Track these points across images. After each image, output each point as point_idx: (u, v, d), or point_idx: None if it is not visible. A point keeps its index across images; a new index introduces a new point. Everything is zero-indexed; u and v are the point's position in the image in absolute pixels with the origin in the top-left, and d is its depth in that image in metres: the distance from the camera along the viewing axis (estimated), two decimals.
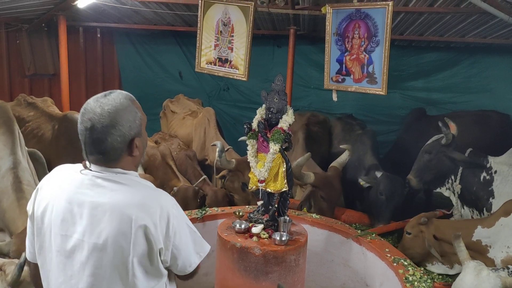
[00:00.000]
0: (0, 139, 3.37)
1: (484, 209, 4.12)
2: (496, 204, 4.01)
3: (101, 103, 1.51)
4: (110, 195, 1.50)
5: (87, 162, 1.56)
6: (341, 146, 4.74)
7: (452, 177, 4.39)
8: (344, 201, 5.06)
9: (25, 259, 2.44)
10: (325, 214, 4.18)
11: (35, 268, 1.68)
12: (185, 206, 4.15)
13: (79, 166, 1.59)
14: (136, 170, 1.65)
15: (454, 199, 4.38)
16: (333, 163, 4.57)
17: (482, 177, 4.18)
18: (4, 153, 3.34)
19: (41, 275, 1.62)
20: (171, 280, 1.72)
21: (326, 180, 4.33)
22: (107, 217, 1.47)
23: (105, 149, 1.51)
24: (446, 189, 4.48)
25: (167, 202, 1.57)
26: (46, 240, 1.56)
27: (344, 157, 4.61)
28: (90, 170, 1.55)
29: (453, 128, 4.41)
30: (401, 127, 6.57)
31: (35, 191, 1.64)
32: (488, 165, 4.18)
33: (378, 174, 4.70)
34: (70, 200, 1.51)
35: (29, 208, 1.64)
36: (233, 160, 4.63)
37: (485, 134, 5.49)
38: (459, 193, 4.34)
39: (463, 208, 4.38)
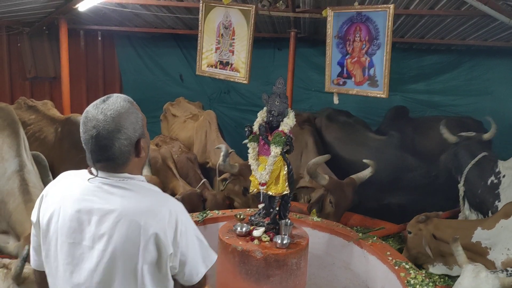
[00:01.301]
0: (5, 141, 3.39)
1: (490, 212, 4.10)
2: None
3: (102, 109, 1.50)
4: (118, 201, 1.48)
5: (93, 169, 1.55)
6: (364, 161, 4.49)
7: (459, 176, 4.41)
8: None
9: (28, 251, 2.45)
10: (330, 219, 4.14)
11: (40, 276, 1.66)
12: (191, 211, 4.15)
13: (84, 172, 1.58)
14: (141, 173, 1.64)
15: (460, 200, 4.41)
16: (353, 175, 4.39)
17: (489, 181, 4.18)
18: (10, 155, 3.36)
19: (48, 283, 1.60)
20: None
21: (339, 186, 4.24)
22: (115, 224, 1.46)
23: (113, 155, 1.50)
24: (461, 185, 4.51)
25: (175, 208, 1.55)
26: (52, 248, 1.54)
27: (366, 172, 4.38)
28: (97, 177, 1.53)
29: (493, 129, 4.50)
30: (382, 122, 6.51)
31: (39, 198, 1.62)
32: (497, 170, 4.18)
33: None
34: (77, 208, 1.50)
35: (33, 216, 1.62)
36: (237, 164, 4.62)
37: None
38: (462, 195, 4.34)
39: (470, 211, 4.37)
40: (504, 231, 3.43)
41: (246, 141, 4.90)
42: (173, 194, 4.50)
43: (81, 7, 5.52)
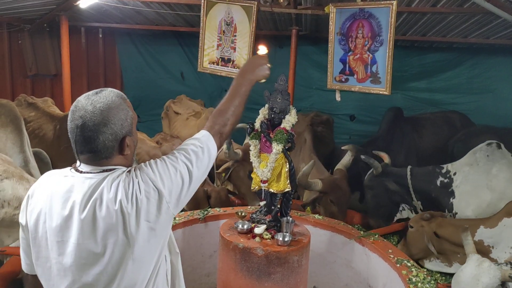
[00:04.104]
0: (9, 137, 3.40)
1: (446, 210, 4.19)
2: (457, 203, 4.11)
3: (93, 101, 1.49)
4: (99, 192, 1.47)
5: (77, 163, 1.54)
6: (342, 148, 4.68)
7: (405, 198, 4.43)
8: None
9: None
10: (336, 217, 4.14)
11: (33, 279, 1.64)
12: (197, 207, 4.15)
13: (68, 170, 1.57)
14: (128, 167, 1.62)
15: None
16: (338, 165, 4.50)
17: (439, 182, 4.25)
18: (14, 151, 3.37)
19: (43, 285, 1.59)
20: (171, 253, 1.72)
21: (334, 184, 4.27)
22: (100, 216, 1.44)
23: (96, 148, 1.48)
24: (401, 211, 4.53)
25: (142, 174, 1.53)
26: (42, 249, 1.53)
27: (347, 158, 4.52)
28: (81, 172, 1.52)
29: (385, 158, 4.46)
30: (381, 125, 6.49)
31: (25, 199, 1.59)
32: (443, 171, 4.27)
33: None
34: (62, 205, 1.48)
35: (21, 218, 1.59)
36: (239, 150, 4.63)
37: (449, 133, 5.65)
38: (422, 209, 4.38)
39: None
40: (507, 229, 3.43)
41: (240, 124, 4.91)
42: None
43: (82, 4, 5.52)
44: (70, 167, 1.57)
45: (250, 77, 2.00)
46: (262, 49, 2.37)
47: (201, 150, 1.65)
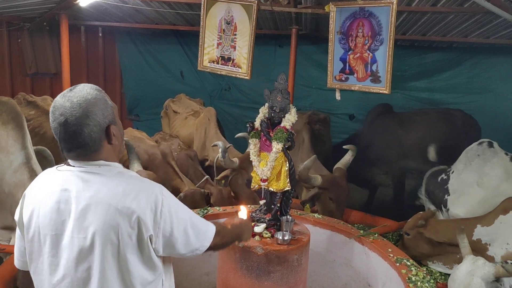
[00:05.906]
0: (10, 134, 3.40)
1: (442, 205, 4.30)
2: (451, 200, 4.19)
3: (69, 97, 1.51)
4: (95, 188, 1.48)
5: (69, 161, 1.57)
6: (344, 147, 4.69)
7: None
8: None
9: None
10: (334, 215, 4.15)
11: (23, 276, 1.67)
12: (193, 209, 4.12)
13: (62, 165, 1.60)
14: (117, 160, 1.63)
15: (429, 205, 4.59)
16: (338, 164, 4.52)
17: (439, 179, 4.40)
18: (15, 148, 3.38)
19: (34, 281, 1.60)
20: (168, 274, 1.71)
21: (334, 181, 4.28)
22: (93, 211, 1.46)
23: (84, 141, 1.50)
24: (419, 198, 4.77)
25: (154, 189, 1.55)
26: (35, 244, 1.54)
27: (347, 157, 4.54)
28: (74, 166, 1.54)
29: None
30: (364, 121, 6.32)
31: (22, 197, 1.63)
32: (448, 169, 4.42)
33: None
34: (57, 199, 1.50)
35: (16, 215, 1.62)
36: (236, 159, 4.61)
37: (449, 131, 5.63)
38: (426, 200, 4.60)
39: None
40: (503, 226, 3.49)
41: (238, 135, 4.92)
42: (174, 192, 4.46)
43: (82, 2, 5.49)
44: (64, 163, 1.60)
45: (244, 229, 2.28)
46: (243, 213, 2.78)
47: (204, 230, 1.73)
